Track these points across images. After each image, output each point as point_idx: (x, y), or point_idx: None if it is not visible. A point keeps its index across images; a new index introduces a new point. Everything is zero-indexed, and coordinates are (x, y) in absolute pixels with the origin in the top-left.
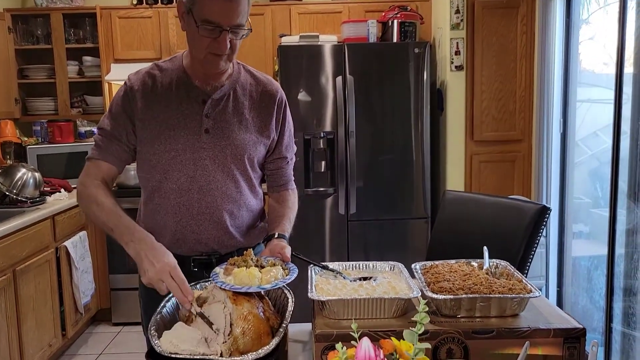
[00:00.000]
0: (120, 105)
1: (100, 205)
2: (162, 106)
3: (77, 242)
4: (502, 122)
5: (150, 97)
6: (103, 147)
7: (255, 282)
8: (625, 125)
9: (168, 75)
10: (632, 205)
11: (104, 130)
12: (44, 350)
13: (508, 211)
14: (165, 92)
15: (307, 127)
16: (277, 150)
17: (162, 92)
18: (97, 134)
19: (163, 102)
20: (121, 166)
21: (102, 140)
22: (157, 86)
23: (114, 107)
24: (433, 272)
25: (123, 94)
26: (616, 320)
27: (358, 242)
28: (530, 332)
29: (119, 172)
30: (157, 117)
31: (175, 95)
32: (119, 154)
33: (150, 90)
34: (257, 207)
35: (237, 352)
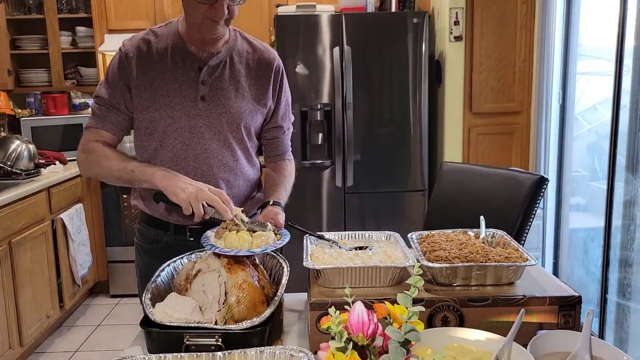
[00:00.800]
0: (116, 74)
1: (114, 158)
2: (157, 73)
3: (73, 215)
4: (501, 93)
5: (146, 64)
6: (101, 115)
7: (245, 246)
8: (625, 98)
9: (163, 40)
10: (630, 178)
11: (101, 99)
12: (42, 322)
13: (505, 182)
14: (160, 58)
15: (304, 99)
16: (274, 119)
17: (157, 58)
18: (95, 102)
19: (158, 69)
20: (121, 135)
21: (100, 109)
22: (152, 52)
23: (110, 75)
24: (429, 242)
25: (118, 61)
26: (611, 291)
27: (355, 214)
28: (525, 300)
29: (119, 140)
30: (153, 84)
31: (170, 61)
32: (119, 123)
33: (146, 57)
34: (254, 176)
35: (232, 320)
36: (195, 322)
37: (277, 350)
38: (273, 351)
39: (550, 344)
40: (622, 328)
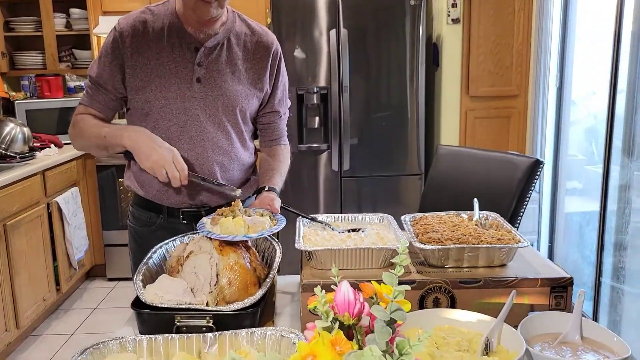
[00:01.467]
0: (109, 53)
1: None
2: (153, 52)
3: (69, 198)
4: (498, 77)
5: (141, 43)
6: (91, 94)
7: (241, 232)
8: (622, 82)
9: (160, 20)
10: (626, 161)
11: (91, 78)
12: (38, 305)
13: (501, 165)
14: (156, 37)
15: (301, 82)
16: (270, 104)
17: (154, 37)
18: (88, 79)
19: (154, 49)
20: (109, 114)
21: (90, 87)
22: (148, 31)
23: (103, 55)
24: (422, 224)
25: (112, 40)
26: (606, 274)
27: (351, 198)
28: (517, 281)
29: (107, 119)
30: (148, 64)
31: (167, 41)
32: (106, 102)
33: (142, 36)
34: (248, 160)
35: (223, 302)
36: (186, 303)
37: (268, 331)
38: (264, 332)
39: (540, 325)
40: (616, 311)
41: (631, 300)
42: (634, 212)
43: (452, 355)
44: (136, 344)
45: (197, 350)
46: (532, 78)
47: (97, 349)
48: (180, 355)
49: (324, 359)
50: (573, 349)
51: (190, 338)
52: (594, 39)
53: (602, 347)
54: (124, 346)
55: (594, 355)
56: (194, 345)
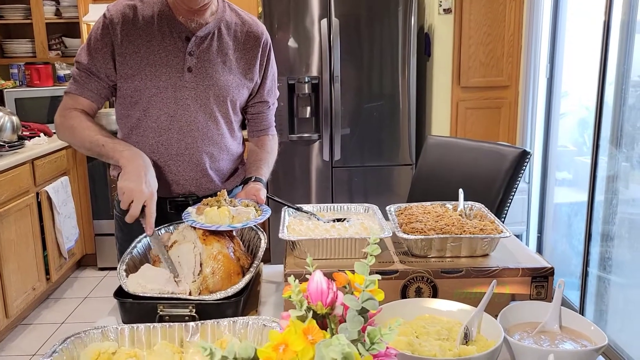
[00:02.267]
0: (99, 40)
1: (85, 128)
2: (143, 40)
3: (59, 187)
4: (490, 67)
5: (131, 31)
6: (81, 82)
7: (226, 222)
8: (611, 73)
9: (150, 7)
10: (614, 151)
11: (81, 65)
12: (28, 294)
13: (488, 155)
14: (146, 25)
15: (292, 72)
16: (259, 94)
17: (144, 25)
18: (75, 67)
19: (144, 37)
20: (100, 102)
21: (80, 75)
22: (138, 19)
23: (93, 41)
24: (407, 214)
25: (102, 27)
26: (593, 264)
27: (342, 188)
28: (498, 271)
29: (98, 107)
30: (138, 52)
31: (157, 29)
32: (98, 90)
33: (131, 23)
34: (236, 150)
35: (206, 291)
36: (169, 292)
37: (251, 320)
38: (246, 321)
39: (520, 315)
40: (602, 301)
41: (617, 290)
42: (621, 202)
43: (431, 344)
44: (118, 333)
45: (179, 339)
46: (522, 69)
47: (78, 338)
48: (162, 344)
49: (295, 347)
50: (551, 338)
51: (172, 327)
52: (585, 29)
53: (580, 336)
54: (106, 335)
55: (572, 344)
56: (175, 334)
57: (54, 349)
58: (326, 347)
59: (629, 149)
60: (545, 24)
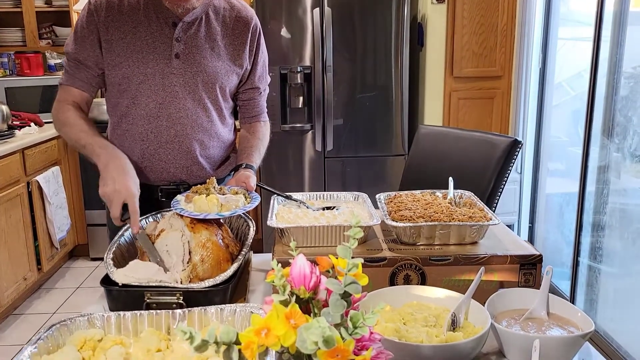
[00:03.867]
0: (85, 28)
1: (72, 126)
2: (129, 27)
3: (50, 177)
4: (483, 57)
5: (116, 17)
6: (71, 72)
7: (214, 210)
8: (603, 64)
9: None
10: (605, 142)
11: (70, 55)
12: (19, 284)
13: (480, 145)
14: (132, 11)
15: (284, 61)
16: (250, 80)
17: (129, 11)
18: (65, 58)
19: (130, 23)
20: (92, 91)
21: (70, 65)
22: (123, 4)
23: (79, 30)
24: (396, 202)
25: (87, 14)
26: (583, 254)
27: (335, 179)
28: (487, 258)
29: (91, 97)
30: (124, 39)
31: (143, 15)
32: (89, 79)
33: (117, 9)
34: (227, 138)
35: (196, 279)
36: (159, 281)
37: (238, 307)
38: (233, 309)
39: (508, 302)
40: (593, 290)
41: (607, 280)
42: (612, 193)
43: (418, 331)
44: (104, 320)
45: (165, 327)
46: (515, 59)
47: (64, 325)
48: (148, 331)
49: (277, 332)
50: (539, 325)
51: (159, 314)
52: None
53: (567, 322)
54: (92, 322)
55: (559, 330)
56: (162, 321)
57: (38, 337)
58: (307, 330)
59: (620, 139)
60: (538, 14)
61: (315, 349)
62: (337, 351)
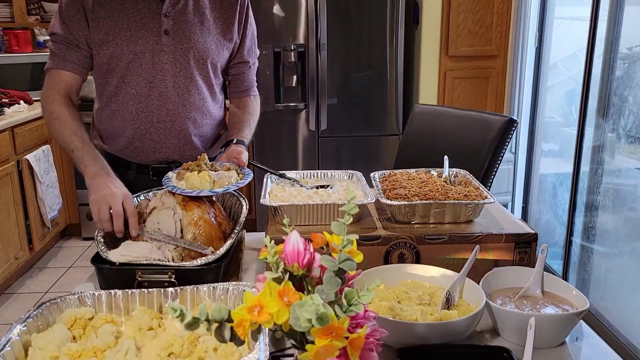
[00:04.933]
0: (71, 6)
1: (63, 125)
2: (115, 4)
3: (40, 156)
4: (478, 36)
5: None
6: (60, 55)
7: (206, 186)
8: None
9: None
10: (600, 122)
11: (57, 36)
12: (10, 263)
13: (475, 124)
14: None
15: (278, 39)
16: (239, 54)
17: None
18: (51, 40)
19: (116, 0)
20: (84, 73)
21: (58, 47)
22: None
23: (64, 9)
24: (391, 180)
25: None
26: (576, 234)
27: (329, 158)
28: (482, 237)
29: (82, 79)
30: (111, 16)
31: None
32: (80, 61)
33: None
34: (219, 114)
35: (188, 258)
36: (155, 259)
37: (230, 286)
38: (226, 287)
39: (502, 280)
40: (585, 270)
41: (600, 259)
42: (606, 173)
43: (412, 309)
44: (95, 299)
45: (157, 305)
46: (511, 38)
47: (54, 304)
48: (140, 309)
49: (270, 309)
50: (533, 303)
51: (150, 293)
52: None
53: (561, 300)
54: (83, 301)
55: (553, 308)
56: (154, 300)
57: (28, 315)
58: (300, 308)
59: (615, 119)
60: None
61: (309, 326)
62: (332, 329)
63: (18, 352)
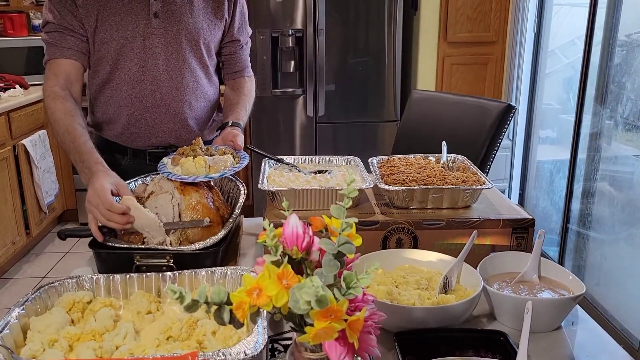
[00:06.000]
0: None
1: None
2: None
3: (37, 141)
4: (477, 22)
5: None
6: (57, 43)
7: (202, 172)
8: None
9: None
10: (598, 109)
11: (50, 25)
12: (7, 248)
13: (473, 110)
14: None
15: (275, 24)
16: (230, 33)
17: None
18: (45, 31)
19: None
20: (84, 59)
21: (53, 36)
22: None
23: None
24: (389, 166)
25: None
26: (573, 221)
27: (327, 145)
28: (479, 222)
29: (84, 66)
30: (99, 1)
31: None
32: (78, 46)
33: None
34: (214, 96)
35: (187, 242)
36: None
37: (229, 270)
38: (224, 271)
39: (500, 265)
40: (581, 256)
41: (595, 246)
42: (603, 160)
43: (410, 293)
44: (93, 283)
45: (156, 289)
46: (510, 24)
47: (52, 288)
48: (138, 293)
49: (269, 292)
50: (530, 288)
51: (149, 277)
52: None
53: (558, 285)
54: (81, 285)
55: (550, 293)
56: (152, 284)
57: (26, 298)
58: (300, 290)
59: (613, 106)
60: None
61: (308, 309)
62: (330, 311)
63: (17, 336)
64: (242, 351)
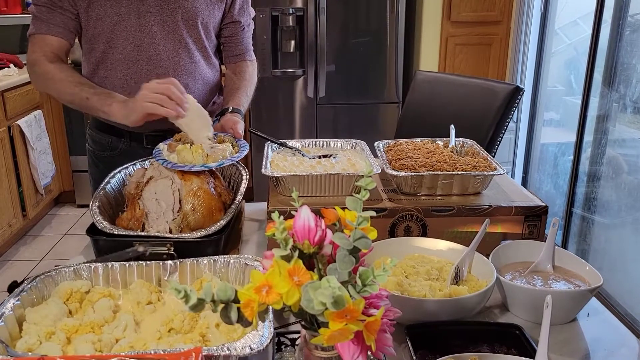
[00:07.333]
0: None
1: (61, 82)
2: None
3: (32, 122)
4: (482, 1)
5: None
6: (44, 18)
7: (199, 160)
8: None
9: None
10: (605, 91)
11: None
12: (4, 230)
13: (480, 92)
14: None
15: (275, 2)
16: (230, 14)
17: None
18: (33, 4)
19: None
20: (71, 37)
21: (41, 10)
22: None
23: None
24: (396, 150)
25: None
26: (577, 204)
27: (327, 126)
28: (491, 209)
29: (69, 44)
30: None
31: None
32: (65, 24)
33: None
34: (213, 79)
35: (187, 229)
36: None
37: (232, 259)
38: (227, 260)
39: (513, 254)
40: (585, 240)
41: (600, 230)
42: (609, 143)
43: (420, 284)
44: (91, 272)
45: (156, 278)
46: (516, 3)
47: (49, 277)
48: (138, 282)
49: (280, 290)
50: (544, 278)
51: (149, 265)
52: None
53: (573, 276)
54: (78, 273)
55: (565, 284)
56: (153, 273)
57: (21, 288)
58: (314, 290)
59: (621, 88)
60: None
61: (322, 309)
62: (347, 312)
63: (12, 328)
64: (248, 345)
